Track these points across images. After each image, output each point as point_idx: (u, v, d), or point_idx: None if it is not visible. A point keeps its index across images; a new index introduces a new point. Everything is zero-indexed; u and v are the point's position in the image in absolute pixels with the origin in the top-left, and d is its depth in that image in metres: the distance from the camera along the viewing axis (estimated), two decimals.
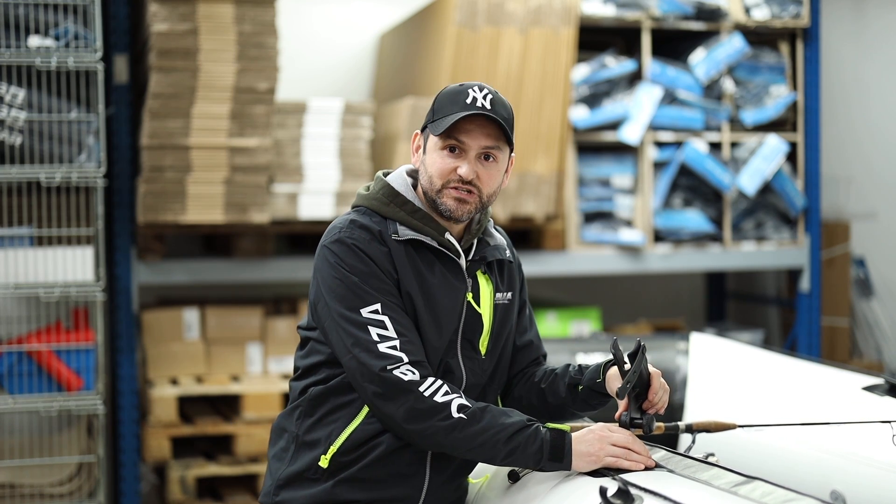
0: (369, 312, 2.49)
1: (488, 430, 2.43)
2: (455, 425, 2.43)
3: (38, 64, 4.73)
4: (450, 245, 2.60)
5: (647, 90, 6.06)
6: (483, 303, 2.64)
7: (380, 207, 2.61)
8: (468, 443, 2.44)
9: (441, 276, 2.58)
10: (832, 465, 3.21)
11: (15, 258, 4.78)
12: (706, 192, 6.28)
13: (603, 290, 6.91)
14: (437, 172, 2.56)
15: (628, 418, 2.48)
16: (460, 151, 2.55)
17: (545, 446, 2.42)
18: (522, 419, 2.46)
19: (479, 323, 2.63)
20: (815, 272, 6.53)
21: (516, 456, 2.44)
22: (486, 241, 2.68)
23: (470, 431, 2.43)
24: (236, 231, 5.43)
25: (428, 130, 2.60)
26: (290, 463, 2.59)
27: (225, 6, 5.10)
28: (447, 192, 2.55)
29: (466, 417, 2.43)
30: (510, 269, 2.75)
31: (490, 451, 2.44)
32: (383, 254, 2.53)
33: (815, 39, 6.49)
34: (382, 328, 2.48)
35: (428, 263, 2.58)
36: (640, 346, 2.48)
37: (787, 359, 4.00)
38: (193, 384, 5.47)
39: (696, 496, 2.25)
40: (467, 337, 2.61)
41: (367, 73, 6.51)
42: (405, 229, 2.57)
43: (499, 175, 2.61)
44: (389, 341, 2.47)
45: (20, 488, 4.92)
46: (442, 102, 2.59)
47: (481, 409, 2.46)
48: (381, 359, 2.46)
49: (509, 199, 5.70)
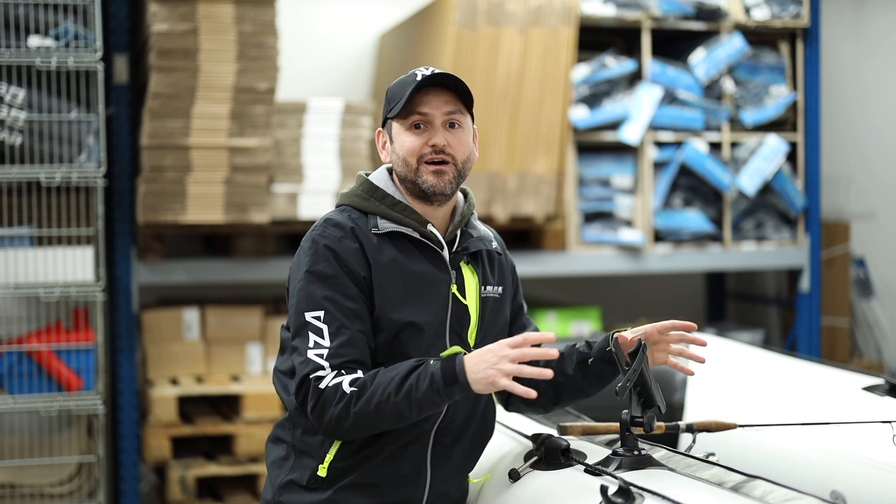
0: (312, 317, 2.48)
1: (378, 389, 2.39)
2: (350, 401, 2.40)
3: (38, 64, 4.73)
4: (432, 236, 2.57)
5: (647, 90, 6.06)
6: (469, 294, 2.61)
7: (360, 203, 2.60)
8: (367, 410, 2.40)
9: (424, 268, 2.56)
10: (832, 465, 3.21)
11: (15, 258, 4.78)
12: (706, 192, 6.29)
13: (603, 290, 6.91)
14: (408, 153, 2.55)
15: (629, 417, 2.48)
16: (425, 125, 2.55)
17: (437, 376, 2.37)
18: (409, 363, 2.42)
19: (466, 315, 2.60)
20: (815, 272, 6.53)
21: (414, 398, 2.37)
22: (470, 233, 2.65)
23: (364, 399, 2.40)
24: (236, 231, 5.43)
25: (389, 121, 2.60)
26: (290, 471, 2.57)
27: (225, 6, 5.10)
28: (424, 168, 2.55)
29: (357, 388, 2.40)
30: (500, 264, 2.72)
31: (389, 407, 2.39)
32: (353, 251, 2.51)
33: (815, 39, 6.49)
34: (319, 336, 2.46)
35: (410, 255, 2.56)
36: (641, 346, 2.48)
37: (787, 359, 4.00)
38: (193, 384, 5.47)
39: (696, 495, 2.25)
40: (455, 329, 2.58)
41: (367, 73, 6.51)
42: (385, 222, 2.56)
43: (468, 141, 2.60)
44: (319, 349, 2.45)
45: (20, 488, 4.92)
46: (394, 89, 2.60)
47: (371, 375, 2.42)
48: (304, 364, 2.46)
49: (509, 199, 5.70)
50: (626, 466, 2.44)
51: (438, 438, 2.58)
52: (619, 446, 2.50)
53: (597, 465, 2.47)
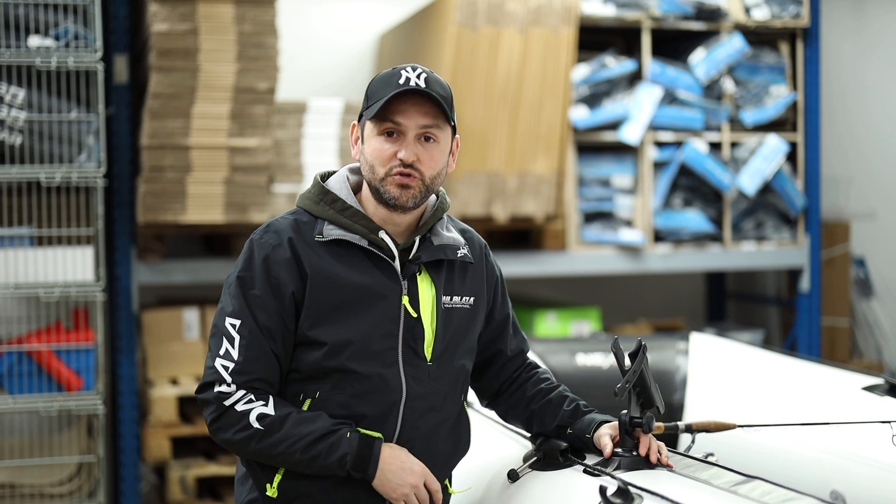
0: (229, 323, 2.41)
1: (287, 440, 2.36)
2: (252, 436, 2.37)
3: (38, 64, 4.73)
4: (381, 244, 2.44)
5: (647, 90, 6.06)
6: (423, 306, 2.47)
7: (310, 206, 2.49)
8: (268, 452, 2.38)
9: (371, 279, 2.43)
10: (832, 465, 3.21)
11: (15, 258, 4.78)
12: (706, 192, 6.29)
13: (603, 290, 6.91)
14: (377, 160, 2.42)
15: (628, 418, 2.48)
16: (398, 135, 2.42)
17: (349, 456, 2.36)
18: (326, 425, 2.37)
19: (420, 328, 2.46)
20: (815, 272, 6.53)
21: (318, 463, 2.37)
22: (431, 240, 2.50)
23: (268, 441, 2.37)
24: (236, 231, 5.43)
25: (365, 118, 2.46)
26: (250, 491, 2.50)
27: (225, 6, 5.10)
28: (389, 179, 2.41)
29: (264, 428, 2.36)
30: (475, 273, 2.58)
31: (291, 460, 2.38)
32: (285, 262, 2.40)
33: (815, 39, 6.49)
34: (231, 344, 2.40)
35: (356, 265, 2.43)
36: (641, 346, 2.47)
37: (787, 359, 4.00)
38: (193, 384, 5.47)
39: (695, 495, 2.25)
40: (409, 344, 2.45)
41: (367, 73, 6.51)
42: (332, 228, 2.44)
43: (441, 157, 2.46)
44: (226, 360, 2.39)
45: (20, 488, 4.92)
46: (375, 87, 2.46)
47: (281, 418, 2.37)
48: (210, 371, 2.41)
49: (509, 199, 5.70)
50: (625, 467, 2.44)
51: None
52: (618, 447, 2.50)
53: (596, 466, 2.47)
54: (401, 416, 2.45)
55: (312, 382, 2.44)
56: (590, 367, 4.06)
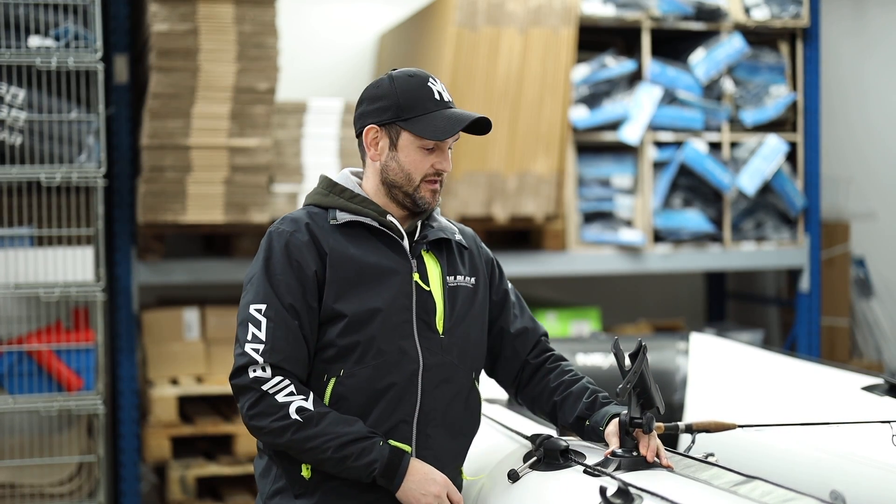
0: (254, 310, 2.54)
1: (322, 436, 2.46)
2: (289, 426, 2.46)
3: (38, 64, 4.74)
4: (391, 225, 2.61)
5: (647, 90, 6.06)
6: (433, 282, 2.63)
7: (320, 199, 2.65)
8: (300, 446, 2.47)
9: (384, 257, 2.59)
10: (832, 465, 3.21)
11: (15, 258, 4.78)
12: (706, 192, 6.29)
13: (603, 290, 6.91)
14: (416, 170, 2.59)
15: (628, 418, 2.48)
16: (437, 148, 2.60)
17: (378, 463, 2.47)
18: (363, 430, 2.49)
19: (431, 302, 2.62)
20: (815, 272, 6.53)
21: (347, 465, 2.47)
22: (430, 224, 2.69)
23: (303, 434, 2.46)
24: (236, 231, 5.43)
25: (399, 127, 2.59)
26: (276, 480, 2.59)
27: (225, 6, 5.10)
28: (424, 187, 2.60)
29: (302, 420, 2.46)
30: (471, 256, 2.75)
31: (321, 457, 2.47)
32: (305, 244, 2.54)
33: (815, 39, 6.49)
34: (258, 328, 2.52)
35: (369, 245, 2.59)
36: (642, 346, 2.48)
37: (787, 359, 4.00)
38: (193, 384, 5.47)
39: (695, 496, 2.25)
40: (422, 317, 2.60)
41: (367, 73, 6.51)
42: (344, 213, 2.60)
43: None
44: (256, 343, 2.50)
45: (20, 488, 4.92)
46: (410, 99, 2.59)
47: (321, 414, 2.48)
48: (240, 356, 2.52)
49: (509, 199, 5.70)
50: (625, 467, 2.44)
51: (420, 429, 2.58)
52: (618, 447, 2.50)
53: (596, 466, 2.47)
54: (420, 385, 2.57)
55: (336, 361, 2.55)
56: (590, 367, 4.07)
